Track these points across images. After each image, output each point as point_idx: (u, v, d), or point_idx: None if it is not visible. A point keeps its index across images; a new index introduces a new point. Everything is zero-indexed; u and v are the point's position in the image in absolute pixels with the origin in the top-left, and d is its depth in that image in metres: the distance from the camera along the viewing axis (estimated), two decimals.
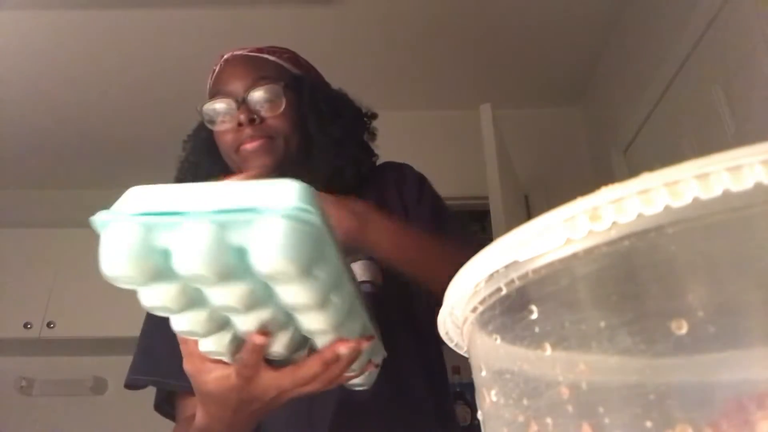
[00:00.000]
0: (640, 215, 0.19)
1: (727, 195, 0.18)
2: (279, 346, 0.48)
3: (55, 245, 2.67)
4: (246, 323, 0.45)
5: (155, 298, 0.44)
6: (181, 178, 0.94)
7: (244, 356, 0.47)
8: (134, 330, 0.91)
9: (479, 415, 0.27)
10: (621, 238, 0.20)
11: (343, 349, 0.48)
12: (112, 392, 2.72)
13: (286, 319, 0.46)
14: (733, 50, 1.63)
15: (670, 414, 0.18)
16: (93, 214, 0.42)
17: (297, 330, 0.48)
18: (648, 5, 2.09)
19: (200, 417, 0.57)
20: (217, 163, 0.90)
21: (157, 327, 0.87)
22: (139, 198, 0.41)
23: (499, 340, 0.24)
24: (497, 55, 2.47)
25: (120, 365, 0.88)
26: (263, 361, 0.49)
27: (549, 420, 0.22)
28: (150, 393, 0.88)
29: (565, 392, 0.21)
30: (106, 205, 0.43)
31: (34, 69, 2.33)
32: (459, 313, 0.27)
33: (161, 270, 0.40)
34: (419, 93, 2.59)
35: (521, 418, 0.23)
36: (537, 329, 0.22)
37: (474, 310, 0.26)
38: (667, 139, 2.04)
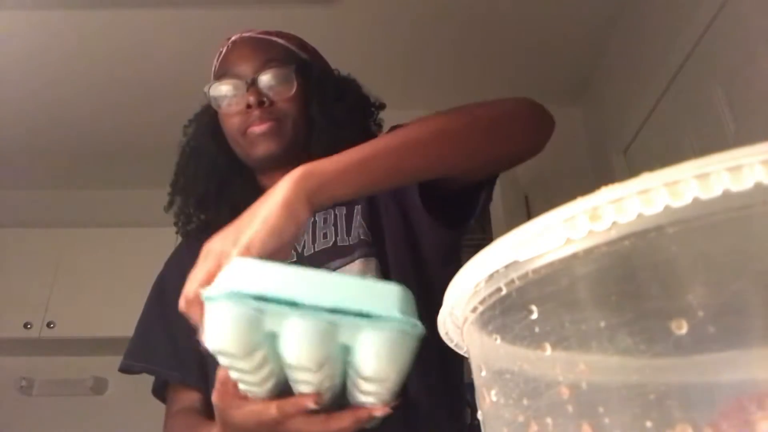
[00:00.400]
0: (640, 215, 0.19)
1: (727, 195, 0.18)
2: (323, 399, 0.48)
3: (55, 245, 2.67)
4: (305, 386, 0.46)
5: (239, 364, 0.44)
6: (183, 163, 0.92)
7: (288, 409, 0.48)
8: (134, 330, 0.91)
9: (479, 415, 0.27)
10: (621, 238, 0.20)
11: (380, 414, 0.48)
12: (112, 392, 2.72)
13: (341, 380, 0.47)
14: (733, 50, 1.63)
15: (670, 414, 0.18)
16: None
17: (341, 386, 0.49)
18: (648, 5, 2.09)
19: None
20: (221, 148, 0.88)
21: (156, 316, 0.88)
22: (250, 274, 0.42)
23: (499, 340, 0.24)
24: (497, 55, 2.47)
25: None
26: None
27: (549, 420, 0.22)
28: (150, 392, 0.89)
29: (565, 392, 0.21)
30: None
31: (34, 69, 2.33)
32: (459, 313, 0.27)
33: (263, 349, 0.41)
34: (418, 92, 2.59)
35: (521, 418, 0.23)
36: (537, 329, 0.22)
37: (474, 310, 0.26)
38: (667, 139, 2.04)
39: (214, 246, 0.51)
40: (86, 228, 2.73)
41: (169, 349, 0.84)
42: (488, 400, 0.25)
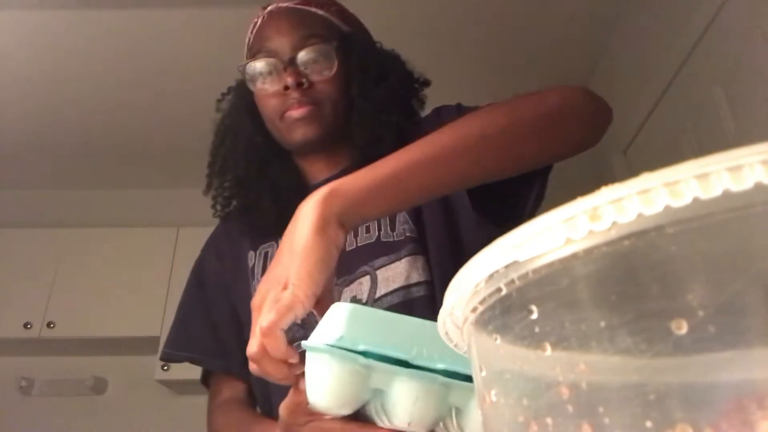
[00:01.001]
0: (640, 215, 0.19)
1: (727, 195, 0.18)
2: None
3: (55, 245, 2.67)
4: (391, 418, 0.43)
5: (340, 413, 0.42)
6: (218, 142, 0.87)
7: None
8: (134, 330, 0.91)
9: (479, 415, 0.27)
10: (621, 238, 0.20)
11: None
12: (112, 392, 2.72)
13: None
14: (733, 50, 1.63)
15: (670, 414, 0.18)
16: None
17: None
18: (648, 5, 2.09)
19: None
20: (258, 127, 0.83)
21: (196, 302, 0.86)
22: (354, 323, 0.38)
23: (499, 340, 0.24)
24: (497, 54, 2.47)
25: (120, 365, 0.88)
26: None
27: (549, 420, 0.22)
28: (150, 392, 0.89)
29: (565, 392, 0.21)
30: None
31: (34, 69, 2.33)
32: (459, 313, 0.27)
33: (364, 403, 0.39)
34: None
35: (521, 418, 0.23)
36: (537, 329, 0.22)
37: (474, 310, 0.26)
38: (667, 139, 2.04)
39: (262, 295, 0.47)
40: (86, 228, 2.73)
41: (210, 337, 0.82)
42: (488, 400, 0.25)
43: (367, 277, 0.73)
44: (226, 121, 0.88)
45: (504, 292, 0.23)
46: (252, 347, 0.45)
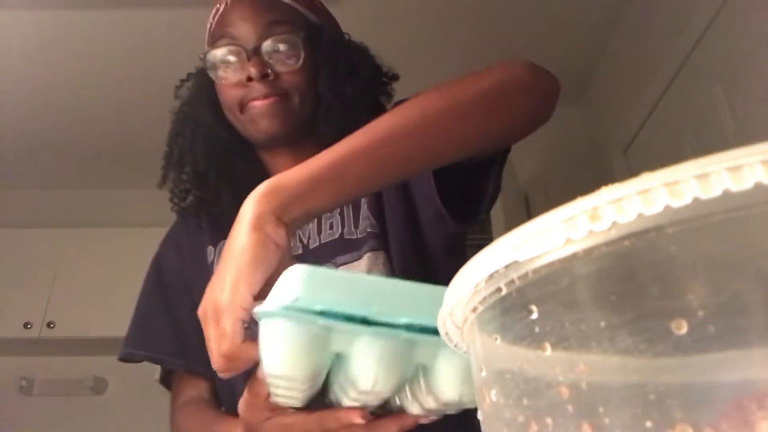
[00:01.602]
0: (640, 215, 0.19)
1: (727, 195, 0.18)
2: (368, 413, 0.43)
3: (55, 245, 2.66)
4: (353, 402, 0.41)
5: (298, 388, 0.39)
6: (176, 131, 0.83)
7: (331, 424, 0.43)
8: None
9: (479, 415, 0.27)
10: (621, 238, 0.20)
11: (425, 421, 0.44)
12: (112, 392, 2.72)
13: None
14: (733, 50, 1.63)
15: (670, 414, 0.18)
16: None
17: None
18: (648, 5, 2.09)
19: None
20: (219, 118, 0.78)
21: (156, 299, 0.83)
22: (310, 285, 0.36)
23: (499, 340, 0.24)
24: (497, 55, 2.46)
25: (120, 365, 0.87)
26: None
27: (549, 420, 0.22)
28: (150, 392, 0.88)
29: (565, 392, 0.21)
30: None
31: (34, 69, 2.33)
32: (459, 313, 0.27)
33: (326, 369, 0.37)
34: (418, 92, 2.59)
35: (521, 418, 0.23)
36: (537, 329, 0.22)
37: (474, 310, 0.26)
38: (667, 139, 2.04)
39: (205, 306, 0.46)
40: (86, 228, 2.73)
41: (171, 335, 0.79)
42: (488, 400, 0.25)
43: None
44: (185, 110, 0.84)
45: (504, 292, 0.23)
46: (216, 365, 0.45)
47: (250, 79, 0.71)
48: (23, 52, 2.24)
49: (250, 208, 0.46)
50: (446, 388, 0.36)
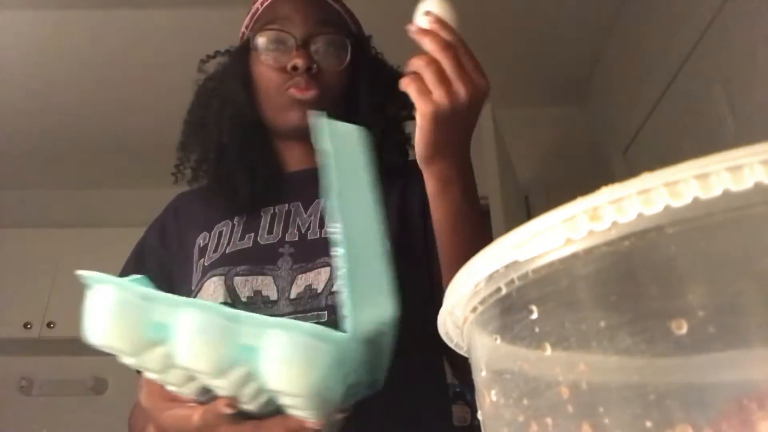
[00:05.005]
0: (640, 215, 0.19)
1: (727, 195, 0.18)
2: (250, 405, 0.41)
3: (55, 245, 2.66)
4: (222, 391, 0.40)
5: (135, 361, 0.39)
6: (203, 104, 0.82)
7: (208, 417, 0.42)
8: None
9: (479, 415, 0.27)
10: (621, 238, 0.20)
11: (313, 427, 0.41)
12: (112, 392, 2.72)
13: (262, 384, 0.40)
14: (733, 50, 1.63)
15: (670, 414, 0.18)
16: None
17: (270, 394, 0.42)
18: (648, 6, 2.09)
19: None
20: (249, 99, 0.78)
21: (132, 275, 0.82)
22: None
23: (499, 340, 0.24)
24: (497, 55, 2.46)
25: (120, 365, 0.86)
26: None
27: (549, 420, 0.22)
28: None
29: (565, 392, 0.21)
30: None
31: (34, 69, 2.33)
32: (459, 313, 0.27)
33: (152, 345, 0.36)
34: None
35: (521, 418, 0.23)
36: (537, 329, 0.22)
37: (474, 310, 0.26)
38: (667, 139, 2.04)
39: None
40: (86, 228, 2.73)
41: None
42: (488, 400, 0.25)
43: (327, 269, 0.70)
44: (211, 84, 0.84)
45: (504, 292, 0.23)
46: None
47: (294, 68, 0.73)
48: (24, 51, 2.24)
49: None
50: (272, 372, 0.34)
